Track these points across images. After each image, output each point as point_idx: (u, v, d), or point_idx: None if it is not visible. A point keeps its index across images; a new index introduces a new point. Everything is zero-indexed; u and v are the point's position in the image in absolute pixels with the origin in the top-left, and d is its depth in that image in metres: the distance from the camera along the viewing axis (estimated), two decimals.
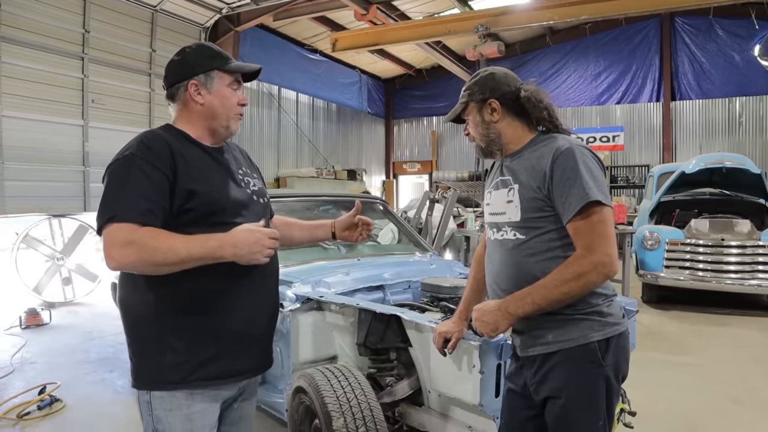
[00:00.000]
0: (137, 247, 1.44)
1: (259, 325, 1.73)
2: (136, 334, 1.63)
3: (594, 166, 1.67)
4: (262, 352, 1.78)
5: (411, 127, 19.82)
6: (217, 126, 1.72)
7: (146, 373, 1.61)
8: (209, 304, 1.61)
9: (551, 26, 15.34)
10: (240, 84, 1.76)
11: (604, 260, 1.59)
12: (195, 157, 1.65)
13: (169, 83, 1.73)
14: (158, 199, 1.53)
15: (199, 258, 1.49)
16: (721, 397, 4.04)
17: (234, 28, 11.48)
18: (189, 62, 1.71)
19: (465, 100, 1.87)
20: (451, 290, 2.87)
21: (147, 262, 1.46)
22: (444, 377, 2.34)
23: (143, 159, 1.55)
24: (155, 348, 1.59)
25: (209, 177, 1.65)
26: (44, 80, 8.26)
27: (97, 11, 8.94)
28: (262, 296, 1.72)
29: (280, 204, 4.19)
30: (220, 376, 1.64)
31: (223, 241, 1.50)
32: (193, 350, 1.59)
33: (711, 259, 6.66)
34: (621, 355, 1.73)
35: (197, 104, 1.69)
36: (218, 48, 1.77)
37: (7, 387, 4.28)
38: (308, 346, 3.05)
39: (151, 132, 1.68)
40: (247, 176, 1.80)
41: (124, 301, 1.65)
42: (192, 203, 1.57)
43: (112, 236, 1.46)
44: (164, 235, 1.49)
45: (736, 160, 7.50)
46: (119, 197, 1.51)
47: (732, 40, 14.59)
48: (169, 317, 1.59)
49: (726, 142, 14.81)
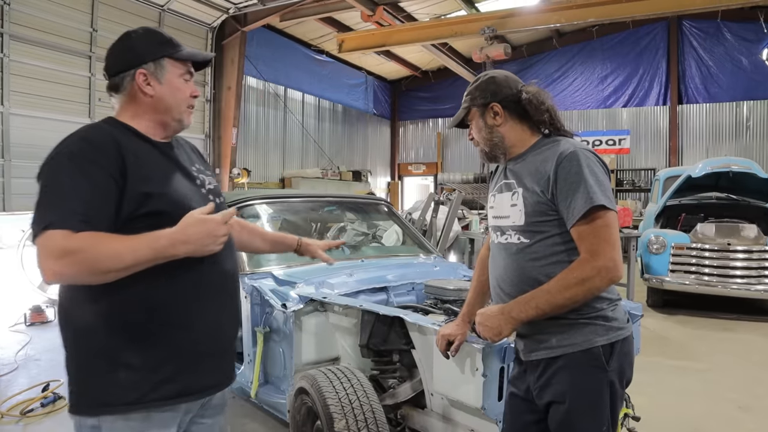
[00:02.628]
0: (76, 256, 1.26)
1: (224, 337, 1.60)
2: (81, 350, 1.43)
3: (598, 170, 1.65)
4: (227, 366, 1.64)
5: (416, 129, 19.82)
6: (169, 120, 1.56)
7: (94, 395, 1.41)
8: (169, 314, 1.44)
9: (558, 29, 15.33)
10: (192, 74, 1.60)
11: (609, 265, 1.58)
12: (145, 155, 1.47)
13: (113, 72, 1.54)
14: (102, 204, 1.34)
15: (150, 260, 1.33)
16: (727, 403, 4.00)
17: (241, 29, 11.52)
18: (136, 49, 1.52)
19: (467, 105, 1.87)
20: (455, 292, 2.86)
21: (89, 271, 1.29)
22: (447, 380, 2.33)
23: (84, 158, 1.36)
24: (105, 365, 1.40)
25: (163, 176, 1.48)
26: (51, 78, 8.31)
27: (105, 10, 8.99)
28: (225, 306, 1.59)
29: (286, 205, 4.21)
30: (183, 394, 1.47)
31: (173, 238, 1.33)
32: (151, 366, 1.41)
33: (717, 264, 6.62)
34: (625, 360, 1.72)
35: (146, 96, 1.52)
36: (168, 34, 1.60)
37: (11, 384, 4.30)
38: (311, 347, 3.04)
39: (94, 126, 1.49)
40: (201, 173, 1.64)
41: (68, 310, 1.45)
42: (147, 207, 1.40)
43: (46, 246, 1.27)
44: (107, 239, 1.30)
45: (743, 165, 7.46)
46: (55, 203, 1.32)
47: (740, 43, 14.53)
48: (123, 329, 1.40)
49: (733, 146, 14.74)
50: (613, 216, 1.63)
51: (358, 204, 4.80)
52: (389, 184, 19.66)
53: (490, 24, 11.32)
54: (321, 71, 15.78)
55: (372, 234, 4.75)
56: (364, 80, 17.98)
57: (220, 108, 11.83)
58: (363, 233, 4.68)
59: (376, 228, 4.81)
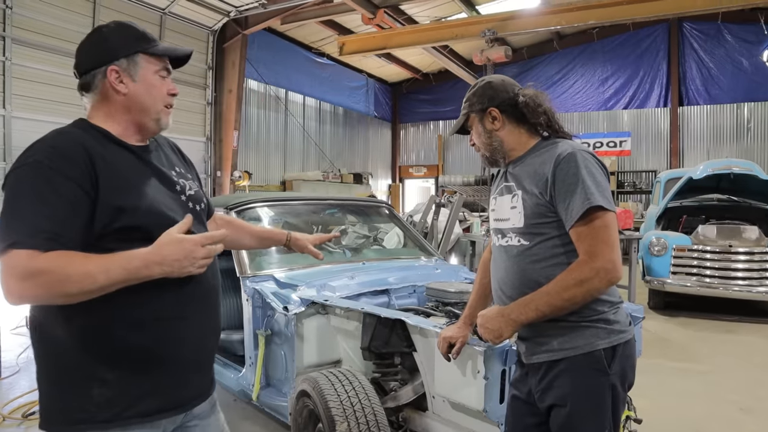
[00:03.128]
0: (43, 278, 1.18)
1: (204, 350, 1.52)
2: (53, 365, 1.35)
3: (596, 171, 1.65)
4: (206, 378, 1.57)
5: (417, 131, 19.83)
6: (145, 120, 1.45)
7: (65, 413, 1.33)
8: (148, 330, 1.36)
9: (558, 31, 15.35)
10: (169, 71, 1.49)
11: (607, 266, 1.58)
12: (119, 162, 1.37)
13: (83, 70, 1.43)
14: (70, 219, 1.25)
15: (122, 281, 1.24)
16: (729, 406, 4.00)
17: (242, 32, 11.54)
18: (108, 44, 1.41)
19: (466, 112, 1.88)
20: (457, 295, 2.86)
21: (56, 294, 1.21)
22: (448, 382, 2.33)
23: (51, 168, 1.25)
24: (79, 381, 1.32)
25: (139, 186, 1.37)
26: (53, 82, 8.32)
27: (106, 14, 9.01)
28: (206, 319, 1.50)
29: (287, 207, 4.21)
30: (163, 409, 1.40)
31: (147, 259, 1.25)
32: (127, 382, 1.34)
33: (718, 266, 6.61)
34: (627, 363, 1.72)
35: (119, 95, 1.41)
36: (142, 28, 1.48)
37: (12, 386, 4.31)
38: (312, 349, 3.04)
39: (62, 132, 1.36)
40: (182, 178, 1.53)
41: (40, 323, 1.36)
42: (120, 222, 1.30)
43: (10, 266, 1.18)
44: (77, 259, 1.21)
45: (744, 166, 7.46)
46: (18, 218, 1.22)
47: (741, 45, 14.54)
48: (98, 344, 1.32)
49: (734, 148, 14.73)
50: (612, 217, 1.62)
51: (359, 207, 4.81)
52: (390, 186, 19.66)
53: (490, 26, 11.34)
54: (322, 74, 15.80)
55: (373, 237, 4.75)
56: (365, 83, 17.99)
57: (221, 111, 11.85)
58: (364, 236, 4.69)
59: (377, 231, 4.81)
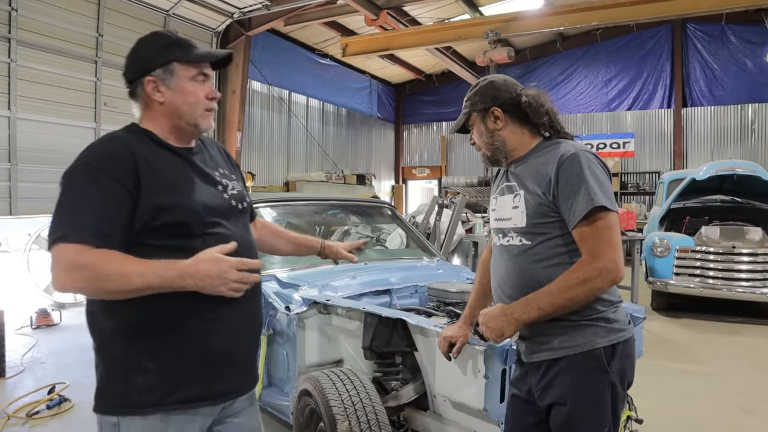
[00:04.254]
0: (86, 273, 1.31)
1: (241, 344, 1.59)
2: (104, 353, 1.47)
3: (599, 171, 1.67)
4: (245, 372, 1.64)
5: (420, 132, 19.83)
6: (184, 125, 1.53)
7: (112, 398, 1.45)
8: (187, 322, 1.45)
9: (562, 32, 15.34)
10: (207, 75, 1.55)
11: (610, 266, 1.59)
12: (163, 163, 1.47)
13: (128, 80, 1.54)
14: (115, 218, 1.36)
15: (157, 287, 1.34)
16: (731, 407, 3.99)
17: (245, 33, 11.56)
18: (142, 56, 1.51)
19: (467, 111, 1.87)
20: (458, 295, 2.87)
21: (96, 289, 1.34)
22: (449, 382, 2.34)
23: (100, 170, 1.37)
24: (123, 370, 1.43)
25: (180, 186, 1.47)
26: (58, 83, 8.37)
27: (111, 15, 9.05)
28: (244, 314, 1.56)
29: (290, 208, 4.23)
30: (199, 398, 1.49)
31: (183, 271, 1.34)
32: (167, 372, 1.44)
33: (722, 267, 6.59)
34: (627, 362, 1.73)
35: (157, 103, 1.50)
36: (176, 35, 1.55)
37: (17, 386, 4.33)
38: (314, 349, 3.05)
39: (112, 136, 1.49)
40: (225, 178, 1.62)
41: (92, 317, 1.49)
42: (162, 219, 1.41)
43: (59, 258, 1.31)
44: (118, 260, 1.33)
45: (748, 168, 7.44)
46: (70, 214, 1.35)
47: (744, 46, 14.50)
48: (141, 336, 1.43)
49: (738, 149, 14.69)
50: (614, 217, 1.64)
51: (362, 207, 4.82)
52: (393, 187, 19.67)
53: (493, 28, 11.34)
54: (325, 75, 15.82)
55: (376, 237, 4.76)
56: (368, 84, 18.01)
57: (225, 112, 11.88)
58: (367, 236, 4.70)
59: (380, 231, 4.83)
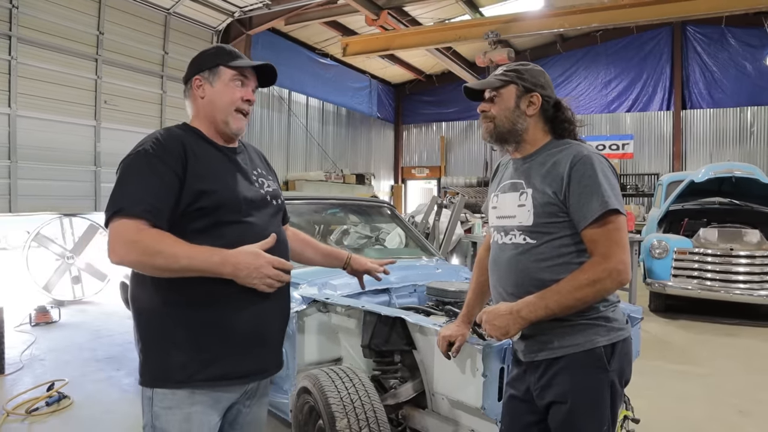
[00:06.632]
0: (140, 248, 1.46)
1: (269, 326, 1.70)
2: (143, 332, 1.63)
3: (611, 175, 1.70)
4: (271, 355, 1.74)
5: (420, 133, 19.86)
6: (217, 121, 1.71)
7: (151, 371, 1.61)
8: (218, 303, 1.58)
9: (562, 33, 15.37)
10: (246, 79, 1.75)
11: (619, 267, 1.61)
12: (207, 156, 1.66)
13: (184, 82, 1.78)
14: (166, 198, 1.54)
15: (200, 270, 1.49)
16: (728, 408, 4.01)
17: (246, 32, 11.56)
18: (199, 60, 1.75)
19: (508, 80, 1.81)
20: (456, 294, 2.88)
21: (147, 263, 1.49)
22: (447, 380, 2.35)
23: (156, 156, 1.56)
24: (161, 346, 1.59)
25: (220, 175, 1.65)
26: (58, 81, 8.35)
27: (112, 13, 9.04)
28: (273, 297, 1.65)
29: (289, 207, 4.22)
30: (226, 377, 1.61)
31: (226, 258, 1.49)
32: (197, 349, 1.57)
33: (719, 269, 6.61)
34: (625, 360, 1.74)
35: (199, 98, 1.72)
36: (233, 49, 1.79)
37: (16, 383, 4.33)
38: (313, 347, 3.06)
39: (167, 130, 1.69)
40: (261, 177, 1.80)
41: (134, 297, 1.65)
42: (201, 203, 1.57)
43: (118, 232, 1.48)
44: (169, 240, 1.49)
45: (746, 170, 7.46)
46: (128, 192, 1.53)
47: (744, 49, 14.55)
48: (176, 315, 1.58)
49: (737, 152, 14.74)
50: (624, 220, 1.66)
51: (362, 207, 4.83)
52: (393, 187, 19.68)
53: (494, 28, 11.36)
54: (325, 74, 15.84)
55: (375, 236, 4.77)
56: (368, 84, 18.02)
57: None
58: (366, 236, 4.71)
59: (379, 231, 4.84)
